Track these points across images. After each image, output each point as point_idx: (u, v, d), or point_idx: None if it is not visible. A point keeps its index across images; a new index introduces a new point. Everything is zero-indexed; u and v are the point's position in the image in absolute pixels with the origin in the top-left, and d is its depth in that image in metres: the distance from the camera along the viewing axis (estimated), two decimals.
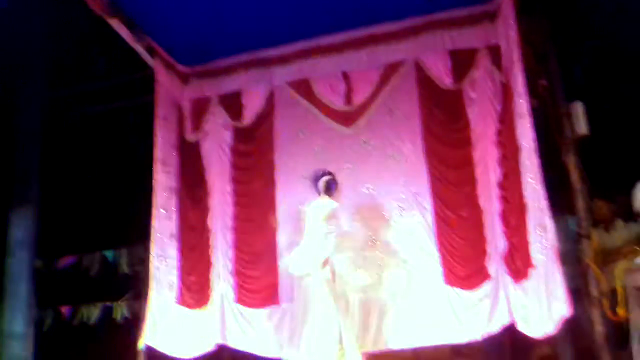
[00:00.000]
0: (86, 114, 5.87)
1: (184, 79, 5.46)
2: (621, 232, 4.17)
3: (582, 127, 4.34)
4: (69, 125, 5.88)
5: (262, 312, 4.80)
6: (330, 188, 4.40)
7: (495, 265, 4.32)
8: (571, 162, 4.19)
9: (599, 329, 3.77)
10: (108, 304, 5.38)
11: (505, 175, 4.39)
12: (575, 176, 4.15)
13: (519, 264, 4.10)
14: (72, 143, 5.95)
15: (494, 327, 4.17)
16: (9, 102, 5.68)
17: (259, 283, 4.88)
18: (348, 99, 5.04)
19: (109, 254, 5.47)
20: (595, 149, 4.38)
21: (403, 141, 4.80)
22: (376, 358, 4.43)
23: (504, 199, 4.36)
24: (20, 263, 5.37)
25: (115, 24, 4.61)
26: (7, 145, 5.60)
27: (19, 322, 5.21)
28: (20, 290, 5.30)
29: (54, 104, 5.77)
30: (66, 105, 5.85)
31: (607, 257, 4.08)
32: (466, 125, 4.65)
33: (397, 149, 4.80)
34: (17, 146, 5.59)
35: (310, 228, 4.29)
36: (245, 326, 4.83)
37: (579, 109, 4.35)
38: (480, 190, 4.50)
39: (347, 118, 5.00)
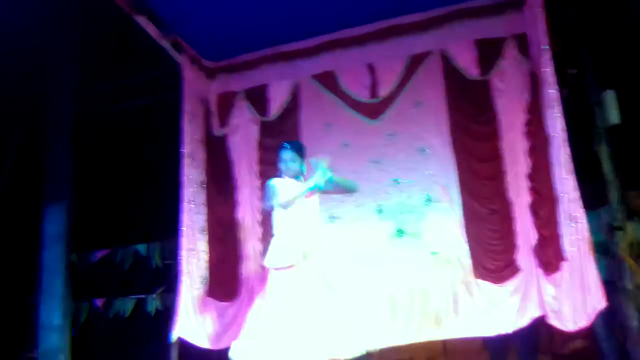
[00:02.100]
0: (115, 110, 5.93)
1: (210, 74, 5.50)
2: None
3: (613, 115, 4.26)
4: (98, 123, 5.96)
5: None
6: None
7: (525, 258, 4.28)
8: (603, 152, 4.13)
9: (634, 323, 3.73)
10: (141, 296, 5.49)
11: (535, 167, 4.33)
12: (607, 166, 4.09)
13: (550, 257, 4.06)
14: (102, 140, 6.04)
15: (525, 320, 4.14)
16: (40, 100, 5.78)
17: None
18: (373, 91, 5.01)
19: (141, 247, 5.57)
20: (627, 139, 4.30)
21: (430, 133, 4.76)
22: (405, 351, 4.46)
23: (534, 191, 4.31)
24: (55, 257, 5.48)
25: (142, 20, 4.65)
26: (39, 143, 5.71)
27: (56, 315, 5.33)
28: (56, 283, 5.41)
29: (83, 101, 5.86)
30: (95, 102, 5.93)
31: None
32: (494, 117, 4.59)
33: (425, 141, 4.76)
34: (48, 143, 5.70)
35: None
36: None
37: (610, 98, 4.27)
38: (509, 182, 4.45)
39: (373, 110, 4.98)
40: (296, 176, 3.97)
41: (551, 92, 4.04)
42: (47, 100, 5.80)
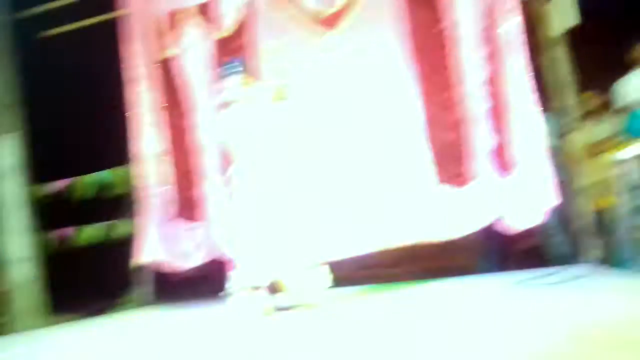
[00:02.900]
0: (62, 32, 5.61)
1: None
2: (609, 124, 4.23)
3: (571, 17, 4.25)
4: (41, 47, 5.65)
5: None
6: None
7: (483, 162, 4.39)
8: (559, 55, 4.15)
9: (586, 219, 3.94)
10: (109, 223, 5.48)
11: (492, 73, 4.33)
12: (563, 70, 4.12)
13: (507, 160, 4.18)
14: (47, 66, 5.75)
15: (483, 222, 4.32)
16: None
17: None
18: (330, 1, 4.86)
19: (102, 175, 5.49)
20: (584, 40, 4.31)
21: (388, 44, 4.68)
22: (369, 257, 4.64)
23: (491, 97, 4.35)
24: (14, 189, 5.38)
25: None
26: None
27: (23, 247, 5.31)
28: (19, 215, 5.36)
29: (20, 26, 5.51)
30: (35, 26, 5.59)
31: (594, 149, 4.18)
32: (451, 25, 4.52)
33: (383, 52, 4.69)
34: None
35: None
36: None
37: None
38: (468, 89, 4.46)
39: (330, 21, 4.84)
40: None
41: None
42: None
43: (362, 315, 3.19)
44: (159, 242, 4.87)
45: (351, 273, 4.51)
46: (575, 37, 4.24)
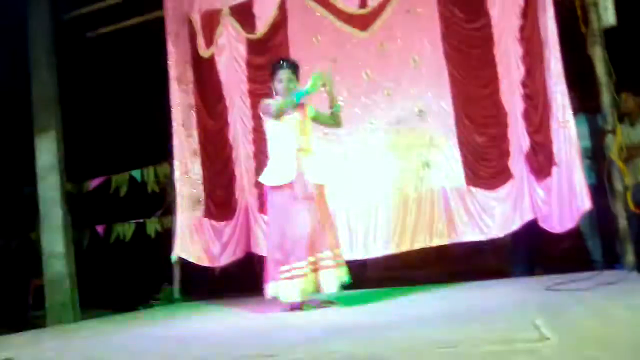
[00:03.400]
0: (101, 34, 5.76)
1: None
2: None
3: (609, 17, 4.14)
4: (82, 48, 5.81)
5: None
6: None
7: (517, 164, 4.31)
8: (597, 55, 4.05)
9: (622, 222, 3.81)
10: (140, 221, 5.57)
11: (528, 73, 4.25)
12: (600, 69, 4.02)
13: (541, 163, 4.08)
14: (90, 66, 5.92)
15: (515, 225, 4.23)
16: (21, 31, 5.60)
17: None
18: (363, 1, 4.85)
19: (136, 173, 5.59)
20: (623, 41, 4.20)
21: (422, 43, 4.64)
22: (400, 257, 4.60)
23: (527, 97, 4.26)
24: (51, 187, 5.52)
25: None
26: (24, 74, 5.58)
27: (59, 243, 5.44)
28: (55, 212, 5.49)
29: (65, 26, 5.68)
30: (77, 27, 5.75)
31: (631, 152, 4.06)
32: (487, 23, 4.43)
33: (417, 52, 4.65)
34: (33, 73, 5.58)
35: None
36: None
37: None
38: (503, 89, 4.39)
39: (362, 22, 4.82)
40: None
41: None
42: (28, 26, 5.62)
43: (388, 316, 3.15)
44: (190, 240, 4.92)
45: (379, 274, 4.48)
46: (613, 37, 4.12)
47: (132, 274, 5.68)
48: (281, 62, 3.85)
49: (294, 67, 3.83)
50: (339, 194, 4.64)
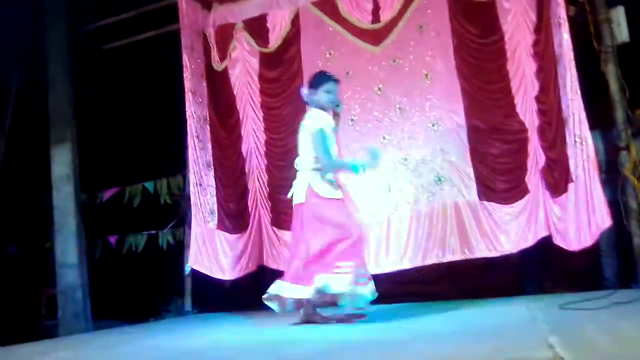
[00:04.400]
0: (116, 46, 5.85)
1: (207, 6, 5.39)
2: None
3: (622, 33, 4.14)
4: (98, 60, 5.90)
5: None
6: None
7: (532, 179, 4.29)
8: (611, 71, 4.04)
9: (637, 240, 3.77)
10: (152, 232, 5.61)
11: (542, 88, 4.25)
12: (614, 86, 4.01)
13: (557, 179, 4.06)
14: (105, 78, 5.99)
15: (530, 241, 4.21)
16: (38, 44, 5.69)
17: None
18: (375, 17, 4.89)
19: (149, 185, 5.64)
20: (636, 57, 4.18)
21: (434, 58, 4.66)
22: (411, 273, 4.58)
23: (542, 113, 4.26)
24: (65, 197, 5.57)
25: None
26: (40, 86, 5.67)
27: (72, 253, 5.48)
28: (69, 223, 5.53)
29: (81, 39, 5.77)
30: (94, 39, 5.85)
31: None
32: (500, 38, 4.45)
33: (429, 67, 4.68)
34: (49, 85, 5.66)
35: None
36: (281, 248, 5.02)
37: (619, 14, 4.13)
38: (517, 104, 4.39)
39: (375, 36, 4.86)
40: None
41: (559, 10, 3.91)
42: (45, 41, 5.71)
43: (399, 332, 3.13)
44: (201, 252, 4.94)
45: (390, 289, 4.45)
46: (627, 53, 4.11)
47: (143, 285, 5.69)
48: (329, 74, 3.87)
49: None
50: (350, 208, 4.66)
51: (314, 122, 3.72)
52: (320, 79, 3.83)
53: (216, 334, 3.77)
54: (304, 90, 3.89)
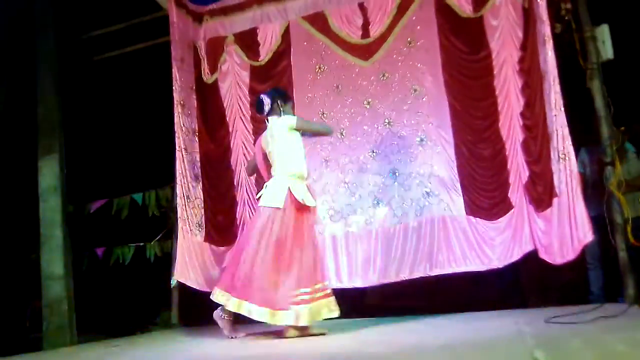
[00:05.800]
0: (105, 58, 5.85)
1: (198, 19, 5.40)
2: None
3: (607, 51, 4.21)
4: (87, 71, 5.89)
5: None
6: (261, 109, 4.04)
7: (517, 195, 4.33)
8: (596, 88, 4.10)
9: (623, 255, 3.81)
10: (140, 244, 5.57)
11: (528, 104, 4.31)
12: (600, 102, 4.07)
13: (541, 193, 4.11)
14: (94, 89, 5.99)
15: (515, 256, 4.24)
16: (27, 56, 5.68)
17: None
18: (365, 32, 4.94)
19: (137, 197, 5.61)
20: (621, 74, 4.26)
21: (423, 73, 4.72)
22: (399, 286, 4.58)
23: (527, 128, 4.31)
24: (51, 209, 5.52)
25: None
26: (30, 97, 5.64)
27: (58, 265, 5.42)
28: (55, 234, 5.48)
29: (71, 49, 5.76)
30: (82, 51, 5.84)
31: (632, 184, 4.08)
32: (488, 55, 4.53)
33: (417, 81, 4.73)
34: (37, 96, 5.64)
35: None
36: None
37: (604, 32, 4.20)
38: (503, 120, 4.45)
39: (364, 51, 4.92)
40: None
41: (544, 28, 3.98)
42: (34, 51, 5.70)
43: (387, 346, 3.13)
44: (187, 265, 4.90)
45: (377, 303, 4.46)
46: (611, 71, 4.18)
47: (130, 297, 5.65)
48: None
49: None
50: (338, 221, 4.68)
51: (283, 121, 3.86)
52: (288, 94, 4.17)
53: (203, 348, 3.75)
54: (278, 100, 3.95)
